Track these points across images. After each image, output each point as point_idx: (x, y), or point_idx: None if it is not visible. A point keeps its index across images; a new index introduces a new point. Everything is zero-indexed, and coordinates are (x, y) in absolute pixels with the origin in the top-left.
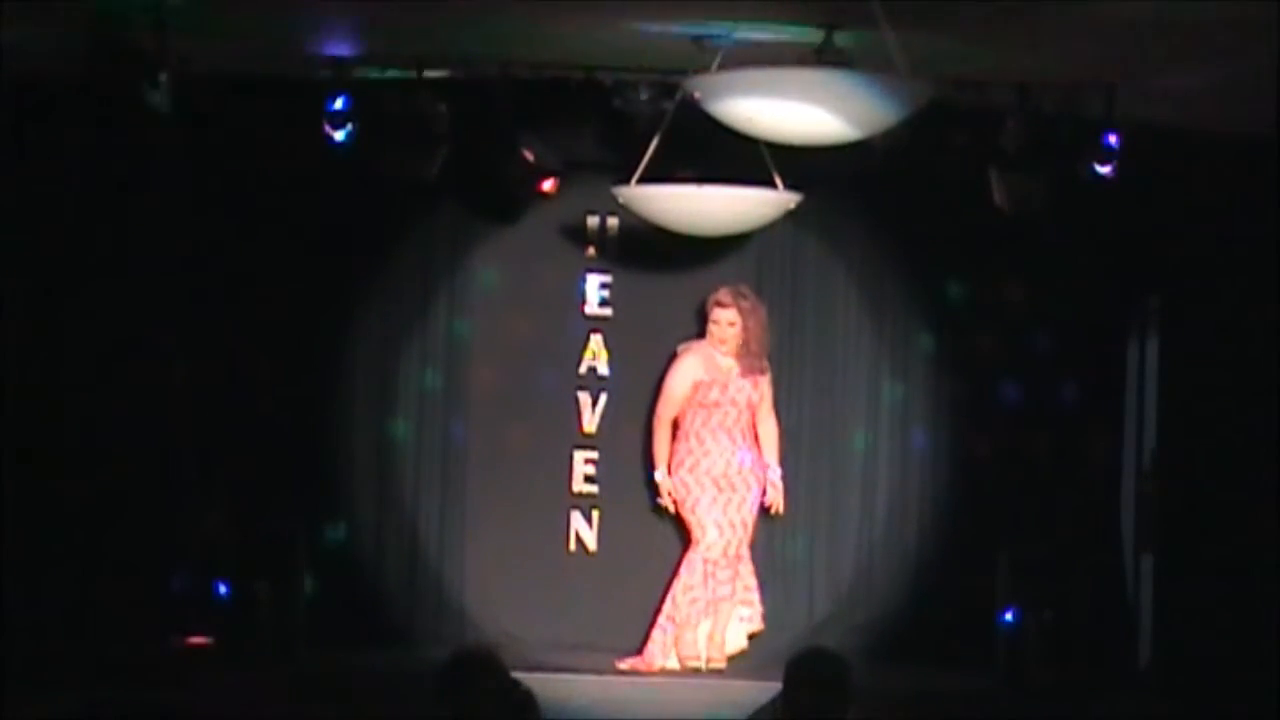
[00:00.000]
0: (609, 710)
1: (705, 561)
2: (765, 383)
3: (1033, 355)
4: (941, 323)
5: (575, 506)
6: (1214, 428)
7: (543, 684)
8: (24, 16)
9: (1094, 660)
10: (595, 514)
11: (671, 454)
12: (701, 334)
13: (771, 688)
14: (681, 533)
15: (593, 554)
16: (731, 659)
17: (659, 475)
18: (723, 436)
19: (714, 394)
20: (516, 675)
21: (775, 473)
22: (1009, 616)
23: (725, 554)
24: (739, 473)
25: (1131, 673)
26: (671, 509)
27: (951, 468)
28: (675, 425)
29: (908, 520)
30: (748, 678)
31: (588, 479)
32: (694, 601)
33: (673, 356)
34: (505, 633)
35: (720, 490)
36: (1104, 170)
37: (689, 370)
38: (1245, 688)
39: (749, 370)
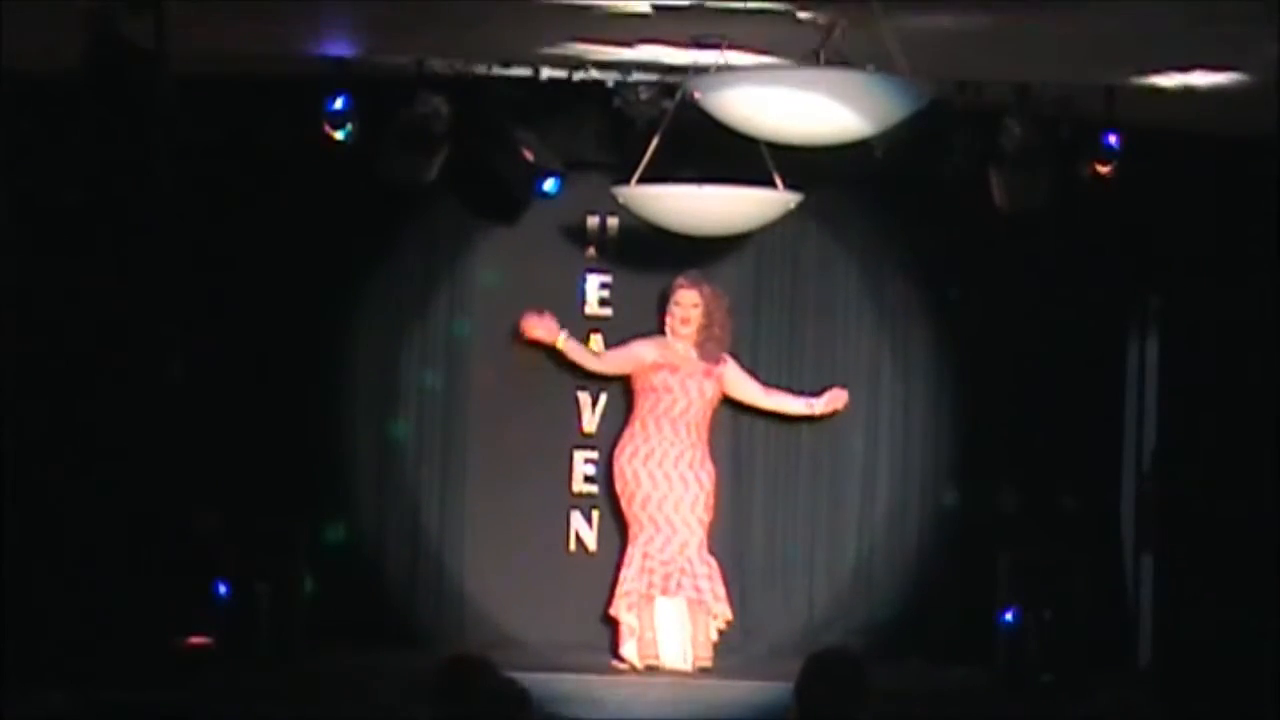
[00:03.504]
0: (608, 710)
1: (645, 557)
2: (724, 378)
3: (1033, 355)
4: (941, 322)
5: (575, 506)
6: (1214, 428)
7: (542, 684)
8: (24, 16)
9: (1094, 660)
10: (595, 514)
11: (621, 438)
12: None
13: (769, 687)
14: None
15: (593, 554)
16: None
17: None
18: (666, 426)
19: (662, 376)
20: (515, 675)
21: (811, 403)
22: (1009, 616)
23: (665, 550)
24: (688, 468)
25: (1131, 673)
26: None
27: (951, 468)
28: (630, 407)
29: (908, 520)
30: (747, 677)
31: (588, 479)
32: (627, 594)
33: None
34: (505, 633)
35: (662, 485)
36: (1104, 170)
37: (644, 347)
38: (1245, 687)
39: (708, 356)
